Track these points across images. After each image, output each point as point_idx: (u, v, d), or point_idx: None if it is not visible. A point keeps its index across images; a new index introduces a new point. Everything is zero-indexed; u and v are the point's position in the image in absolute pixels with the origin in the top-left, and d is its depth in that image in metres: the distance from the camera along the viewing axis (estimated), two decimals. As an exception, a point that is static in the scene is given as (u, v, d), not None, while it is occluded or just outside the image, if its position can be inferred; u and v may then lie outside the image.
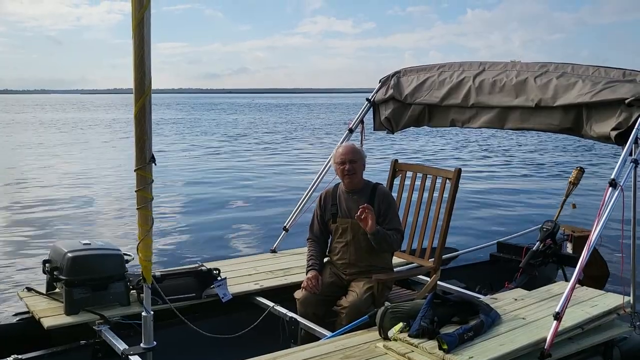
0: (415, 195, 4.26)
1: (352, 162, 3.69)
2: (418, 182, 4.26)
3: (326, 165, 4.94)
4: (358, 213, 3.46)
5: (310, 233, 3.90)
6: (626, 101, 3.45)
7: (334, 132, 29.82)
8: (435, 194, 4.11)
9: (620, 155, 3.39)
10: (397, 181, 4.43)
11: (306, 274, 3.72)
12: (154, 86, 2.61)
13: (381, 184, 3.89)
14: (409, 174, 4.35)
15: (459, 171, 3.96)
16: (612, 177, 3.28)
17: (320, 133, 29.98)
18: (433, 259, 4.03)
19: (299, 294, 3.68)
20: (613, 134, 3.52)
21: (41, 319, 3.37)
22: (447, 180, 4.01)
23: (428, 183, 4.20)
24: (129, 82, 2.60)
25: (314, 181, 5.01)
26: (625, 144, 3.39)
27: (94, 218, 9.58)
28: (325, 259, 3.90)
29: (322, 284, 3.64)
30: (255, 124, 39.01)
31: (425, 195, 4.17)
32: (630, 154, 3.39)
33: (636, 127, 3.39)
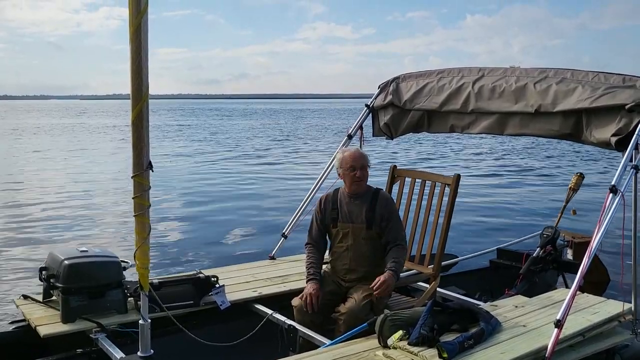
0: (414, 201, 4.25)
1: (362, 168, 3.68)
2: (417, 188, 4.24)
3: (325, 172, 4.92)
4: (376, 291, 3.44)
5: (309, 237, 3.85)
6: (626, 107, 3.43)
7: (331, 138, 29.82)
8: (435, 200, 4.09)
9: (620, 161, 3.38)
10: (396, 188, 4.41)
11: (306, 282, 3.67)
12: (153, 92, 2.59)
13: (382, 190, 3.88)
14: (408, 179, 4.33)
15: (458, 177, 3.95)
16: (613, 183, 3.26)
17: (318, 139, 29.98)
18: (432, 266, 4.01)
19: (296, 302, 3.64)
20: (613, 139, 3.50)
21: (37, 327, 3.34)
22: (446, 186, 3.99)
23: (427, 189, 4.18)
24: (129, 88, 2.59)
25: (312, 188, 4.99)
26: (626, 149, 3.37)
27: (91, 225, 9.55)
28: (324, 266, 3.87)
29: (321, 295, 3.60)
30: (253, 129, 39.02)
31: (425, 201, 4.15)
32: (631, 160, 3.36)
33: (636, 132, 3.37)
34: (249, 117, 63.51)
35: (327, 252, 3.89)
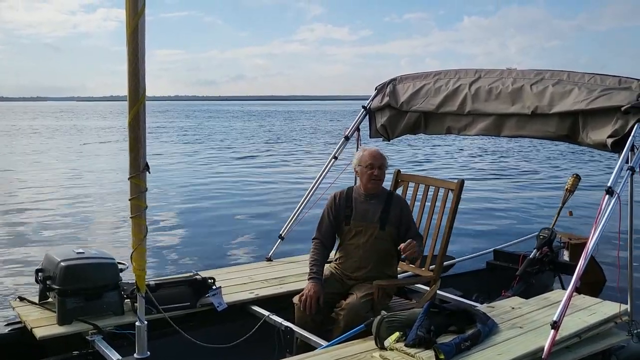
0: (417, 206, 4.25)
1: (381, 167, 3.72)
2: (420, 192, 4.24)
3: (322, 174, 4.92)
4: (404, 251, 3.47)
5: (317, 232, 3.83)
6: (622, 108, 3.44)
7: (328, 140, 29.83)
8: (438, 205, 4.09)
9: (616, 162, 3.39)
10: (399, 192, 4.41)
11: (307, 279, 3.66)
12: (150, 93, 2.59)
13: (396, 192, 3.94)
14: (412, 184, 4.33)
15: (461, 183, 3.94)
16: (609, 184, 3.28)
17: (315, 141, 30.00)
18: (433, 267, 4.01)
19: (297, 300, 3.64)
20: (609, 141, 3.51)
21: (33, 329, 3.32)
22: (450, 192, 3.98)
23: (430, 194, 4.18)
24: (126, 90, 2.58)
25: (309, 189, 4.99)
26: (622, 151, 3.39)
27: (88, 226, 9.53)
28: (328, 265, 3.86)
29: (323, 296, 3.60)
30: (249, 131, 39.02)
31: (428, 205, 4.15)
32: (627, 162, 3.38)
33: (632, 134, 3.39)
34: (246, 119, 63.45)
35: (334, 250, 3.89)
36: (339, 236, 3.85)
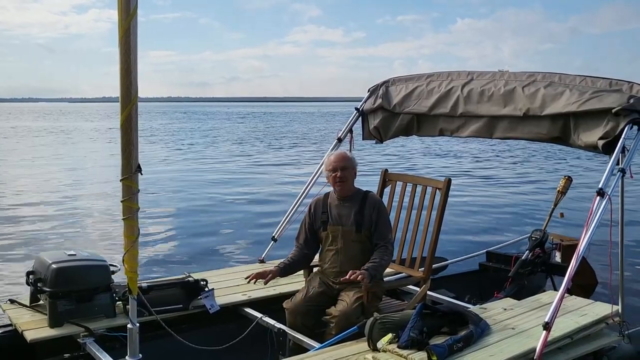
0: (405, 205, 4.26)
1: (343, 169, 3.69)
2: (408, 192, 4.25)
3: (315, 175, 4.93)
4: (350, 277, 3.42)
5: (296, 242, 3.88)
6: (613, 110, 3.48)
7: (321, 141, 29.85)
8: (426, 204, 4.10)
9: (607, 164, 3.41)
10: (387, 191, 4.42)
11: None
12: (143, 95, 2.58)
13: (372, 192, 3.88)
14: (399, 183, 4.34)
15: (448, 181, 3.96)
16: (600, 186, 3.30)
17: (309, 142, 30.01)
18: (423, 269, 4.02)
19: (287, 304, 3.66)
20: (600, 143, 3.54)
21: (24, 332, 3.31)
22: (437, 190, 4.00)
23: (418, 193, 4.19)
24: (118, 91, 2.57)
25: (302, 191, 4.99)
26: (613, 153, 3.41)
27: (79, 228, 9.48)
28: (316, 269, 3.88)
29: (309, 294, 3.61)
30: (245, 132, 38.98)
31: (416, 205, 4.16)
32: (618, 163, 3.41)
33: (623, 136, 3.42)
34: (238, 120, 63.36)
35: (318, 255, 3.90)
36: (320, 243, 3.85)
